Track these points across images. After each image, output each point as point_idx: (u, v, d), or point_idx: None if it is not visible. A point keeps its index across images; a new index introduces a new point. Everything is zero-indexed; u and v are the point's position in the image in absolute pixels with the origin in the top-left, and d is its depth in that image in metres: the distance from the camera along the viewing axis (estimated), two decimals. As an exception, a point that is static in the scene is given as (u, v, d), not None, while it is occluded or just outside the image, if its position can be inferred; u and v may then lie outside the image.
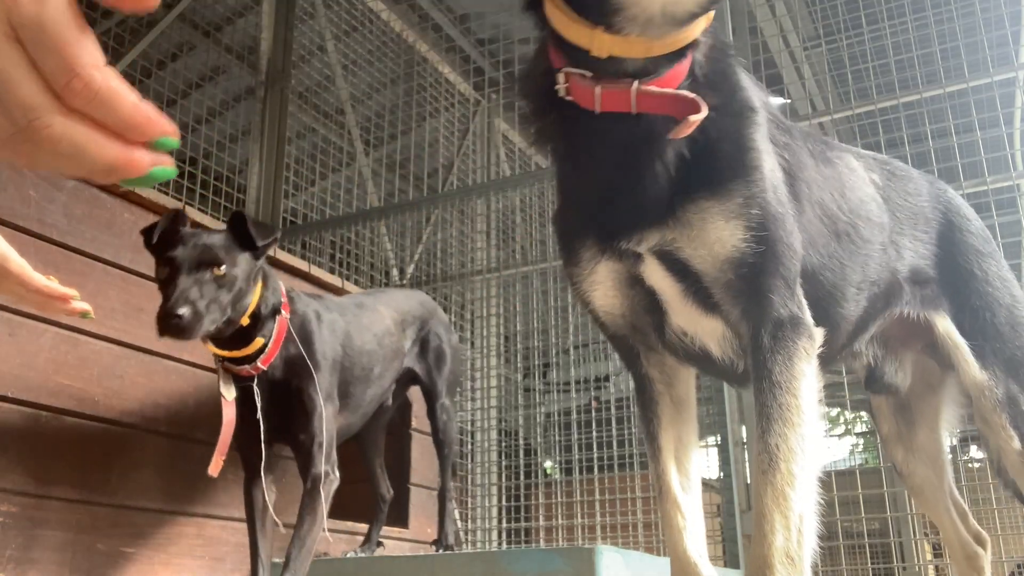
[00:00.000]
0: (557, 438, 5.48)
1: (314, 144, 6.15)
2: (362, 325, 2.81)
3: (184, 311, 2.04)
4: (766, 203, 1.38)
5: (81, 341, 2.55)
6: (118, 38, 4.96)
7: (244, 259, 2.25)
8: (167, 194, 4.35)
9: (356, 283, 5.02)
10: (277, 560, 2.71)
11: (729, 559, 3.64)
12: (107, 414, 2.58)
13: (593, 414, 5.33)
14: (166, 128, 0.69)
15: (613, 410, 5.24)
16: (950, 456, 2.28)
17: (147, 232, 2.24)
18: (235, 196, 5.28)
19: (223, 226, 2.35)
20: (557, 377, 5.84)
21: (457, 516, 3.64)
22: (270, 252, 2.47)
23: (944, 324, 1.93)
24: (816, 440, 1.34)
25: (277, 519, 2.52)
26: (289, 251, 4.58)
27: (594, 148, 1.39)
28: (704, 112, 1.29)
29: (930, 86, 3.79)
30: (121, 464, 2.59)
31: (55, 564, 2.37)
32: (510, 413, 6.04)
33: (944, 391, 2.18)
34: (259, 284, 2.37)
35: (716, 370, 1.63)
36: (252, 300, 2.33)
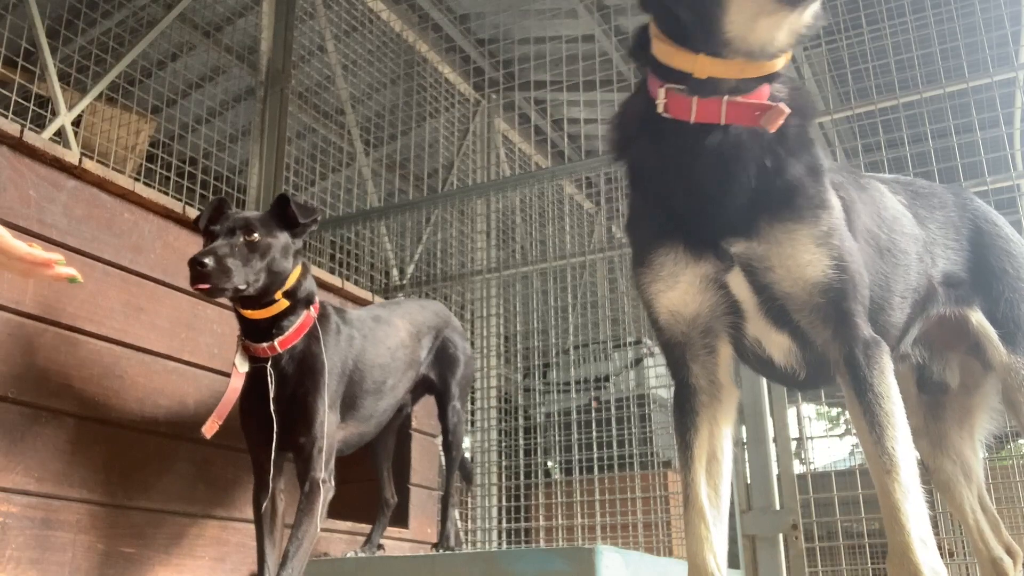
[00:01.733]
0: (557, 438, 5.48)
1: (314, 144, 6.15)
2: (377, 339, 2.87)
3: (208, 260, 2.22)
4: (843, 235, 1.59)
5: (81, 341, 2.55)
6: (118, 38, 4.95)
7: (282, 235, 2.42)
8: (167, 194, 4.35)
9: (356, 283, 5.02)
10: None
11: (729, 559, 3.63)
12: (107, 414, 2.58)
13: (593, 414, 5.33)
14: (64, 273, 1.03)
15: (613, 410, 5.24)
16: (983, 463, 2.33)
17: (197, 220, 2.46)
18: (235, 196, 5.28)
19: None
20: (557, 377, 5.84)
21: (457, 517, 3.64)
22: (310, 232, 2.58)
23: (977, 317, 2.08)
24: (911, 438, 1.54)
25: (283, 524, 2.52)
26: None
27: (685, 158, 1.58)
28: (787, 112, 1.52)
29: (930, 86, 3.79)
30: (121, 464, 2.59)
31: (55, 564, 2.37)
32: (510, 413, 6.04)
33: (979, 394, 2.28)
34: (298, 267, 2.49)
35: (777, 375, 1.79)
36: (290, 279, 2.45)
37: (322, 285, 3.55)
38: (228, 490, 2.88)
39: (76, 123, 4.78)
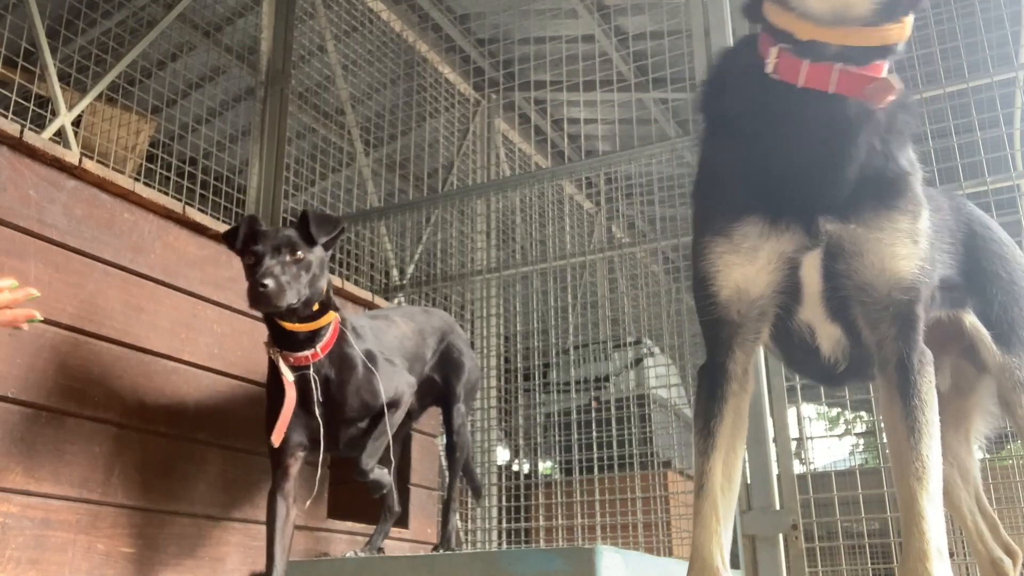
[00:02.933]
0: (557, 438, 5.48)
1: (314, 144, 6.15)
2: (380, 331, 2.94)
3: (269, 282, 2.33)
4: (930, 239, 1.57)
5: (81, 341, 2.55)
6: (118, 38, 4.95)
7: (316, 249, 2.52)
8: (167, 194, 4.35)
9: (356, 283, 5.01)
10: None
11: (729, 559, 3.63)
12: (107, 414, 2.58)
13: (593, 414, 5.33)
14: (27, 315, 1.31)
15: (613, 410, 5.24)
16: (979, 464, 2.34)
17: (229, 236, 2.53)
18: (235, 196, 5.28)
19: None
20: (557, 377, 5.84)
21: (457, 518, 3.64)
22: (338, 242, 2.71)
23: (970, 319, 2.08)
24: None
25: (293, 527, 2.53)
26: (289, 251, 4.57)
27: (788, 123, 1.52)
28: (897, 87, 1.48)
29: (930, 86, 3.79)
30: (121, 464, 2.59)
31: (55, 564, 2.37)
32: (510, 414, 6.04)
33: (974, 396, 2.29)
34: (327, 276, 2.59)
35: (816, 365, 1.74)
36: (324, 287, 2.56)
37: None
38: (228, 490, 2.88)
39: (76, 123, 4.78)
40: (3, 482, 2.28)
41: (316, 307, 2.54)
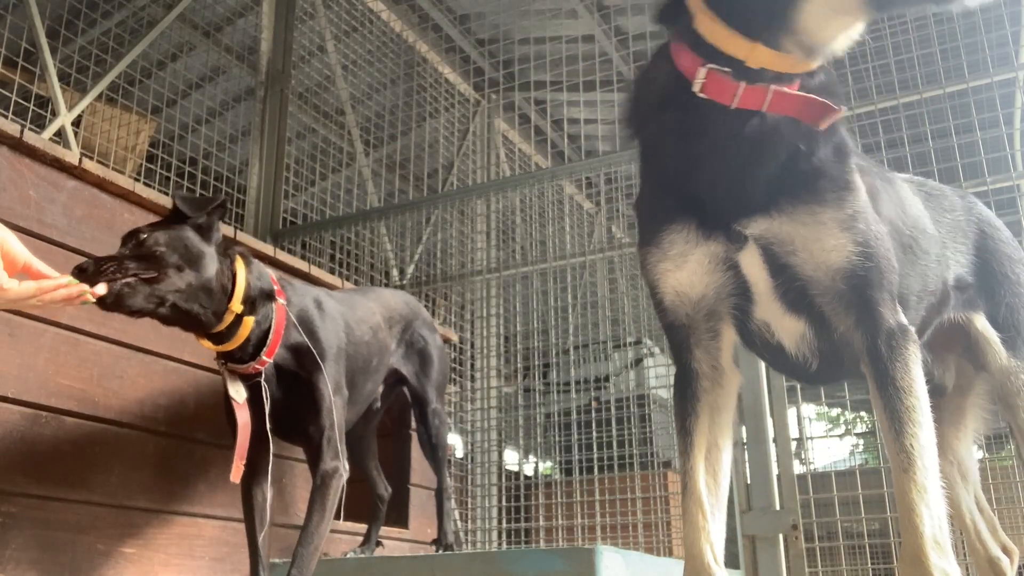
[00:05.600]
0: (557, 439, 5.48)
1: (314, 144, 6.15)
2: (359, 317, 2.77)
3: (86, 263, 1.99)
4: (868, 220, 1.53)
5: (81, 341, 2.55)
6: (118, 38, 4.95)
7: (173, 231, 2.16)
8: (167, 194, 4.35)
9: (356, 283, 5.02)
10: (276, 560, 2.71)
11: (729, 559, 3.63)
12: (107, 414, 2.58)
13: (593, 414, 5.33)
14: (79, 298, 1.72)
15: (613, 410, 5.24)
16: (977, 463, 2.34)
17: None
18: (235, 196, 5.28)
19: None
20: (557, 377, 5.84)
21: (457, 516, 3.63)
22: (215, 226, 2.28)
23: (980, 321, 2.07)
24: (934, 435, 1.50)
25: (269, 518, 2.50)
26: (289, 251, 4.58)
27: (714, 140, 1.53)
28: (843, 112, 1.51)
29: (930, 86, 3.79)
30: (121, 464, 2.59)
31: (55, 564, 2.36)
32: (510, 413, 6.04)
33: (972, 395, 2.28)
34: (240, 263, 2.29)
35: (788, 365, 1.73)
36: (239, 280, 2.24)
37: (322, 285, 3.55)
38: (228, 490, 2.88)
39: (76, 123, 4.78)
40: (3, 482, 2.28)
41: (238, 308, 2.23)
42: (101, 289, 1.95)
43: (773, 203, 1.52)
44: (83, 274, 1.96)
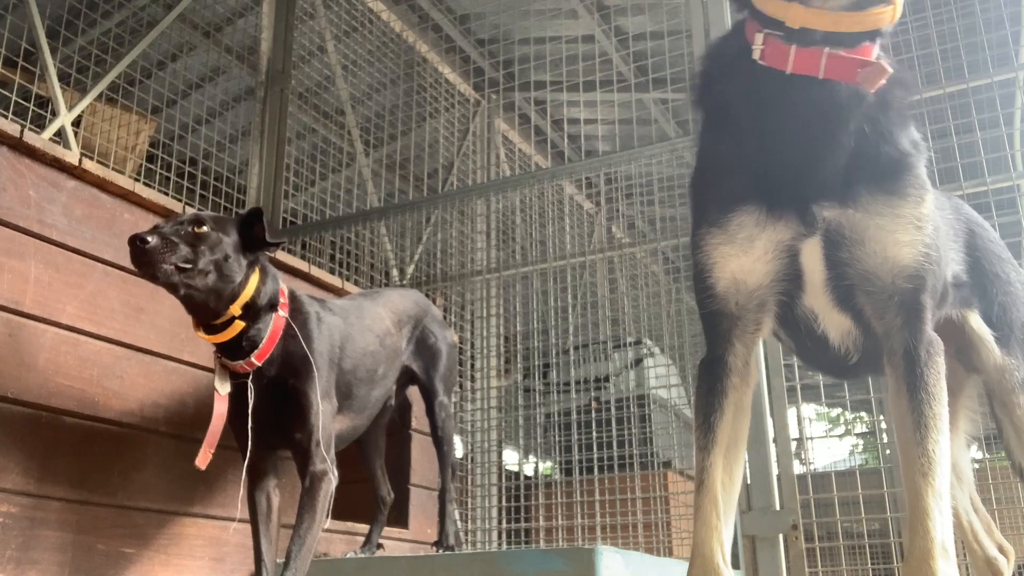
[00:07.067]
0: (557, 439, 5.48)
1: (314, 144, 6.15)
2: (364, 326, 2.82)
3: (152, 238, 2.15)
4: (937, 223, 1.52)
5: (81, 341, 2.55)
6: (118, 38, 4.95)
7: (236, 239, 2.33)
8: (167, 194, 4.35)
9: (356, 283, 5.02)
10: (280, 560, 2.71)
11: (730, 557, 3.63)
12: (107, 414, 2.58)
13: (593, 415, 5.33)
14: None
15: (613, 410, 5.24)
16: (971, 464, 2.34)
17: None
18: (235, 196, 5.28)
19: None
20: (557, 377, 5.84)
21: (457, 517, 3.64)
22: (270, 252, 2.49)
23: (975, 319, 2.06)
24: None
25: (279, 521, 2.51)
26: (289, 251, 4.57)
27: (779, 111, 1.50)
28: (889, 71, 1.44)
29: (930, 86, 3.79)
30: (121, 464, 2.59)
31: (55, 564, 2.36)
32: (510, 414, 6.04)
33: (963, 396, 2.27)
34: (256, 274, 2.38)
35: (827, 357, 1.70)
36: (247, 289, 2.34)
37: (322, 285, 3.55)
38: (228, 490, 2.88)
39: (76, 123, 4.78)
40: (3, 482, 2.28)
41: (237, 311, 2.32)
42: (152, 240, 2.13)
43: (850, 188, 1.47)
44: (143, 245, 2.13)
